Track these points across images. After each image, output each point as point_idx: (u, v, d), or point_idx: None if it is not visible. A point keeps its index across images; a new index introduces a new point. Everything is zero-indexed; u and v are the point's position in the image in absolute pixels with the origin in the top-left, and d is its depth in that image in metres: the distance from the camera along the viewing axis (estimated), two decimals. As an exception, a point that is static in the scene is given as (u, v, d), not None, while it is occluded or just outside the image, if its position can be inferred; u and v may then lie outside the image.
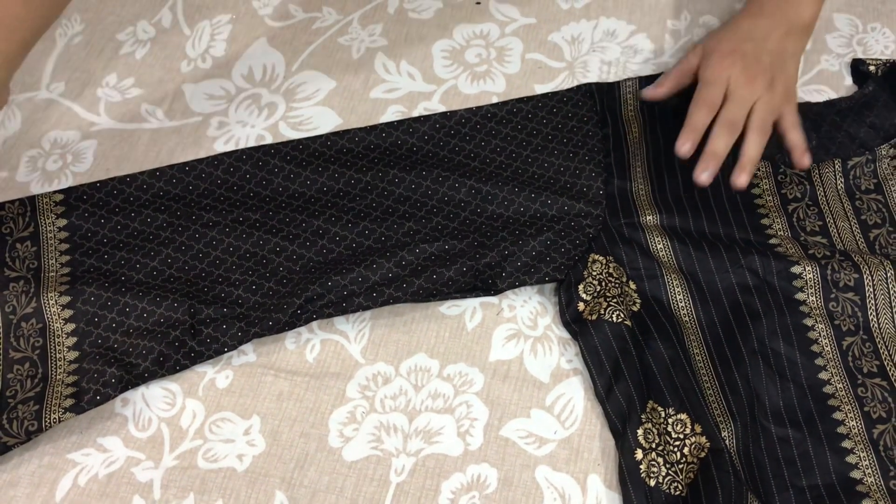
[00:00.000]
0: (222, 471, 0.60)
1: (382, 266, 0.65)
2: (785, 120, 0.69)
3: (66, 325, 0.63)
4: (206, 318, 0.63)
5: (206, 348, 0.63)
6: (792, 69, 0.71)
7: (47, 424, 0.59)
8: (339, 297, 0.64)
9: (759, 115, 0.67)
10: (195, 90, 0.78)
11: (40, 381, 0.61)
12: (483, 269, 0.65)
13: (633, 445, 0.59)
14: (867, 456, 0.59)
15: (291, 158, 0.71)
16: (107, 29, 0.83)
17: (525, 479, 0.59)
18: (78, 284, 0.64)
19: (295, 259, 0.66)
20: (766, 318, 0.64)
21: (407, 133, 0.73)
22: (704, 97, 0.68)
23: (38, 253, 0.66)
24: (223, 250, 0.67)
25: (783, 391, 0.61)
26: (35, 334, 0.63)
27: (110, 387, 0.60)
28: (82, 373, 0.61)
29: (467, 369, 0.64)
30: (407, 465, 0.60)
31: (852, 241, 0.68)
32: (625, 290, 0.65)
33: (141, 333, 0.63)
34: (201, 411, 0.62)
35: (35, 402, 0.60)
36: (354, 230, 0.67)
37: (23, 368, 0.62)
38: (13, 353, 0.62)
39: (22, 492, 0.59)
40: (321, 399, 0.63)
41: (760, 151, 0.67)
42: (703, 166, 0.66)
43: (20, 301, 0.64)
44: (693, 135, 0.66)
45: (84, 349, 0.62)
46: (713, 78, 0.69)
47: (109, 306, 0.64)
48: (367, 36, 0.82)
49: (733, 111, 0.67)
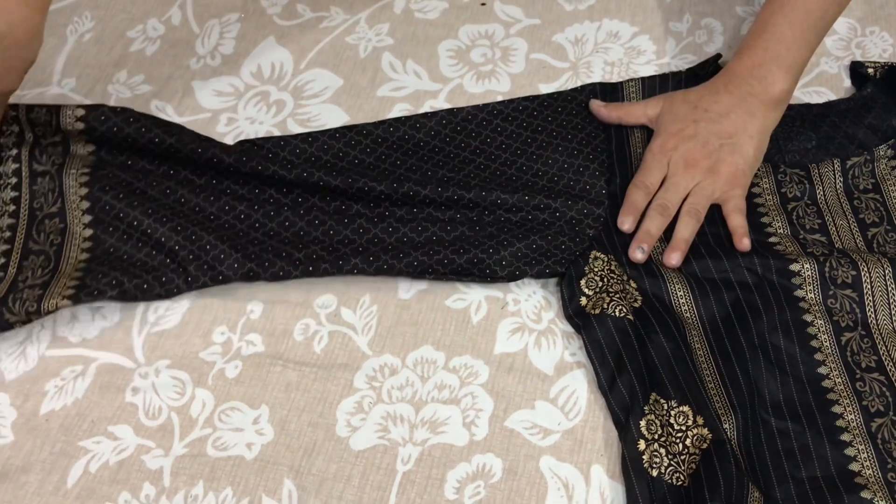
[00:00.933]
0: (231, 459, 0.61)
1: (384, 241, 0.67)
2: (727, 204, 0.68)
3: (84, 229, 0.67)
4: (207, 244, 0.66)
5: (202, 274, 0.66)
6: (749, 150, 0.69)
7: (45, 309, 0.63)
8: (335, 255, 0.67)
9: (692, 200, 0.68)
10: (204, 87, 0.79)
11: (50, 273, 0.65)
12: (482, 257, 0.66)
13: (636, 436, 0.60)
14: (865, 449, 0.60)
15: (301, 152, 0.72)
16: (117, 26, 0.84)
17: (529, 469, 0.60)
18: (96, 190, 0.68)
19: (299, 228, 0.69)
20: (766, 313, 0.65)
21: (414, 128, 0.74)
22: (642, 181, 0.69)
23: (64, 150, 0.70)
24: (236, 204, 0.70)
25: (783, 385, 0.62)
26: (56, 233, 0.67)
27: (109, 287, 0.64)
28: (88, 272, 0.65)
29: (473, 361, 0.65)
30: (413, 454, 0.61)
31: (851, 239, 0.69)
32: (626, 287, 0.66)
33: (147, 250, 0.67)
34: (210, 400, 0.63)
35: (40, 289, 0.64)
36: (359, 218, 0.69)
37: (38, 260, 0.66)
38: (32, 244, 0.67)
39: (34, 478, 0.60)
40: (329, 389, 0.63)
41: (691, 234, 0.67)
42: (637, 244, 0.67)
43: (48, 199, 0.68)
44: (633, 213, 0.68)
45: (96, 253, 0.67)
46: (652, 164, 0.70)
47: (122, 218, 0.68)
48: (374, 35, 0.83)
49: (666, 196, 0.68)
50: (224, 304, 0.67)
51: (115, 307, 0.67)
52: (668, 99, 0.73)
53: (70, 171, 0.69)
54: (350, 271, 0.66)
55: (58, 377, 0.64)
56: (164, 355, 0.65)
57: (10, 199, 0.69)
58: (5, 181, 0.69)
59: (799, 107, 0.77)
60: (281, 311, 0.67)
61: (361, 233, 0.68)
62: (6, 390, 0.64)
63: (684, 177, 0.68)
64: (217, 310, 0.67)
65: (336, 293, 0.68)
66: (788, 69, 0.70)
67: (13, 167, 0.70)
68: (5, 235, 0.67)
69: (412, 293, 0.68)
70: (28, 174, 0.70)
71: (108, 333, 0.66)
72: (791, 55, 0.70)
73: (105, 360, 0.65)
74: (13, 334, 0.66)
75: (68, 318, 0.67)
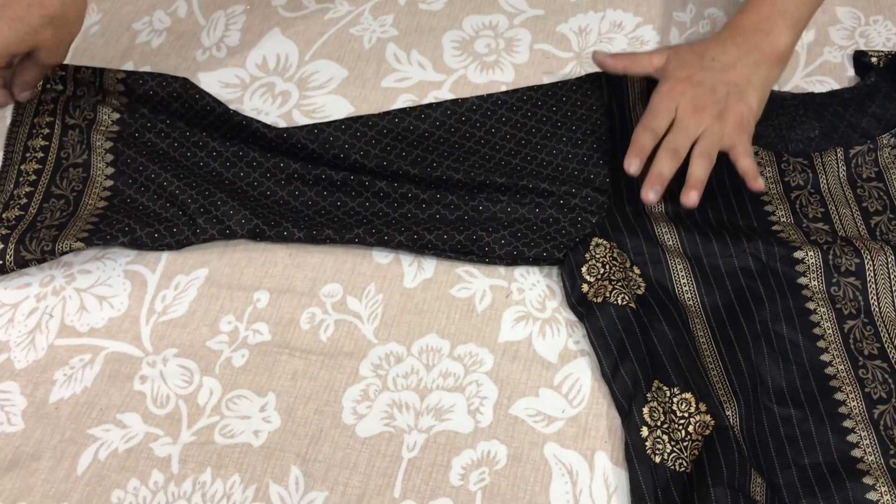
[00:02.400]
0: (239, 446, 0.61)
1: (388, 215, 0.69)
2: (735, 150, 0.69)
3: (106, 180, 0.72)
4: (218, 200, 0.70)
5: (210, 227, 0.69)
6: (753, 100, 0.70)
7: (59, 249, 0.67)
8: (339, 223, 0.69)
9: (703, 144, 0.68)
10: (211, 78, 0.80)
11: (67, 216, 0.69)
12: (481, 234, 0.68)
13: (639, 423, 0.60)
14: (868, 435, 0.60)
15: (303, 146, 0.72)
16: (123, 19, 0.84)
17: (534, 456, 0.61)
18: (121, 146, 0.74)
19: (308, 198, 0.72)
20: (769, 301, 0.65)
21: (419, 119, 0.74)
22: (648, 124, 0.69)
23: (95, 106, 0.76)
24: (250, 171, 0.73)
25: (786, 372, 0.62)
26: (78, 181, 0.72)
27: (122, 233, 0.68)
28: (103, 218, 0.69)
29: (477, 349, 0.65)
30: (419, 441, 0.61)
31: (854, 227, 0.69)
32: (629, 274, 0.66)
33: (162, 203, 0.70)
34: (218, 389, 0.64)
35: (56, 230, 0.68)
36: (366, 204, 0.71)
37: (57, 203, 0.71)
38: (54, 188, 0.71)
39: (45, 465, 0.61)
40: (335, 377, 0.64)
41: (705, 174, 0.68)
42: (649, 185, 0.67)
43: (75, 150, 0.73)
44: (639, 155, 0.68)
45: (113, 202, 0.71)
46: (660, 107, 0.70)
47: (141, 171, 0.72)
48: (379, 26, 0.84)
49: (676, 139, 0.68)
50: (231, 294, 0.68)
51: (124, 297, 0.68)
52: (675, 49, 0.74)
53: (99, 128, 0.74)
54: (352, 240, 0.68)
55: (67, 366, 0.65)
56: (171, 344, 0.66)
57: (39, 147, 0.73)
58: (38, 130, 0.74)
59: (802, 96, 0.77)
60: (287, 300, 0.68)
61: (367, 206, 0.70)
62: (16, 379, 0.64)
63: (693, 121, 0.69)
64: (224, 299, 0.68)
65: (342, 282, 0.68)
66: (793, 26, 0.71)
67: (48, 119, 0.75)
68: (30, 179, 0.72)
69: (417, 282, 0.68)
70: (60, 126, 0.74)
71: (115, 323, 0.67)
72: (798, 11, 0.72)
73: (113, 348, 0.66)
74: (21, 324, 0.67)
75: (77, 308, 0.67)
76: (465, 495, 0.59)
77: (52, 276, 0.69)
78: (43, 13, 0.67)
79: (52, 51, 0.70)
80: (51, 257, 0.67)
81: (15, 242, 0.67)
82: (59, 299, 0.68)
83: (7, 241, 0.67)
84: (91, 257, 0.70)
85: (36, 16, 0.67)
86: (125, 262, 0.70)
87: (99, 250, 0.70)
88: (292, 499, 0.59)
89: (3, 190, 0.71)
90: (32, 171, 0.72)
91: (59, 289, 0.68)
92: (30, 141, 0.74)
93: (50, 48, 0.69)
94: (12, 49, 0.68)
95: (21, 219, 0.69)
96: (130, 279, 0.69)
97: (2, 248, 0.67)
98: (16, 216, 0.69)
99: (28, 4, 0.67)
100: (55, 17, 0.68)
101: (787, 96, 0.77)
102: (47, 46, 0.69)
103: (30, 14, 0.67)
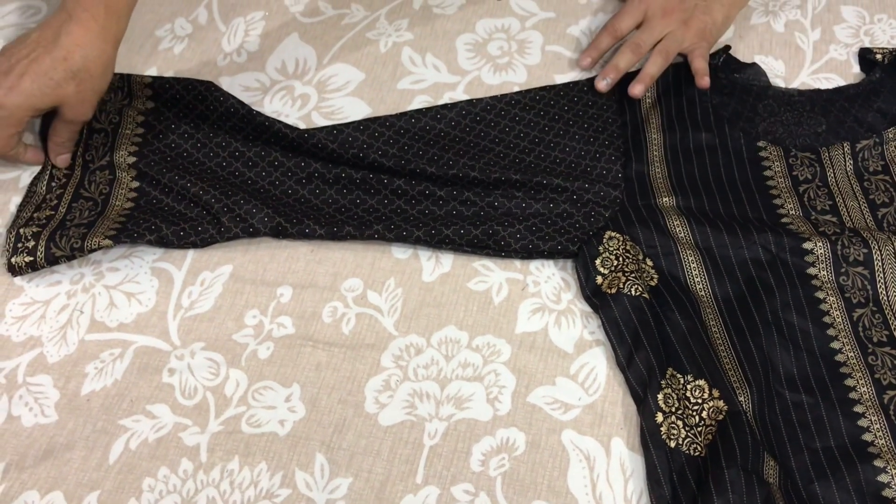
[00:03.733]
0: (265, 435, 0.63)
1: (406, 212, 0.72)
2: (694, 52, 0.78)
3: (132, 181, 0.74)
4: (241, 199, 0.72)
5: (234, 225, 0.71)
6: (718, 15, 0.79)
7: (88, 247, 0.69)
8: (359, 220, 0.71)
9: (665, 43, 0.78)
10: (232, 82, 0.82)
11: (96, 215, 0.72)
12: (497, 229, 0.69)
13: (654, 409, 0.62)
14: (878, 420, 0.61)
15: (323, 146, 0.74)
16: (146, 26, 0.87)
17: (552, 443, 0.62)
18: (146, 150, 0.76)
19: (328, 196, 0.74)
20: (780, 291, 0.67)
21: (435, 119, 0.76)
22: (613, 25, 0.80)
23: (120, 111, 0.77)
24: (272, 171, 0.75)
25: (797, 359, 0.64)
26: (105, 183, 0.74)
27: (148, 231, 0.70)
28: (130, 217, 0.71)
29: (495, 340, 0.67)
30: (440, 429, 0.63)
31: (861, 219, 0.71)
32: (642, 266, 0.68)
33: (186, 203, 0.72)
34: (244, 380, 0.66)
35: (85, 228, 0.70)
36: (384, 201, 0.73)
37: (86, 203, 0.73)
38: (82, 191, 0.74)
39: (78, 454, 0.62)
40: (357, 368, 0.66)
41: (658, 71, 0.77)
42: (603, 75, 0.77)
43: (99, 152, 0.76)
44: (594, 52, 0.80)
45: (139, 203, 0.73)
46: (629, 9, 0.79)
47: (165, 173, 0.74)
48: (394, 31, 0.86)
49: (641, 36, 0.78)
50: (255, 289, 0.70)
51: (151, 293, 0.70)
52: None
53: (124, 132, 0.77)
54: (371, 236, 0.70)
55: (97, 360, 0.67)
56: (198, 338, 0.68)
57: None
58: None
59: (809, 92, 0.79)
60: (309, 295, 0.70)
61: (386, 203, 0.72)
62: (49, 372, 0.66)
63: (660, 22, 0.78)
64: (248, 294, 0.70)
65: (362, 277, 0.70)
66: None
67: None
68: (61, 181, 0.74)
69: (435, 276, 0.70)
70: (87, 130, 0.76)
71: (144, 318, 0.69)
72: None
73: (142, 343, 0.68)
74: (53, 319, 0.69)
75: (106, 304, 0.69)
76: (486, 480, 0.61)
77: (82, 273, 0.71)
78: (66, 67, 0.67)
79: (76, 106, 0.70)
80: (80, 254, 0.69)
81: (46, 240, 0.69)
82: (89, 296, 0.70)
83: (38, 238, 0.69)
84: (119, 255, 0.72)
85: (60, 70, 0.67)
86: (152, 259, 0.72)
87: (126, 248, 0.72)
88: (318, 485, 0.61)
89: (36, 192, 0.73)
90: (62, 175, 0.74)
91: (89, 286, 0.70)
92: None
93: (73, 104, 0.69)
94: (36, 103, 0.68)
95: (52, 218, 0.71)
96: (157, 276, 0.71)
97: (33, 245, 0.69)
98: (46, 215, 0.71)
99: (53, 59, 0.67)
100: (78, 72, 0.67)
101: (794, 93, 0.79)
102: (70, 102, 0.69)
103: (54, 69, 0.67)
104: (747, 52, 0.83)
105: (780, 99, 0.78)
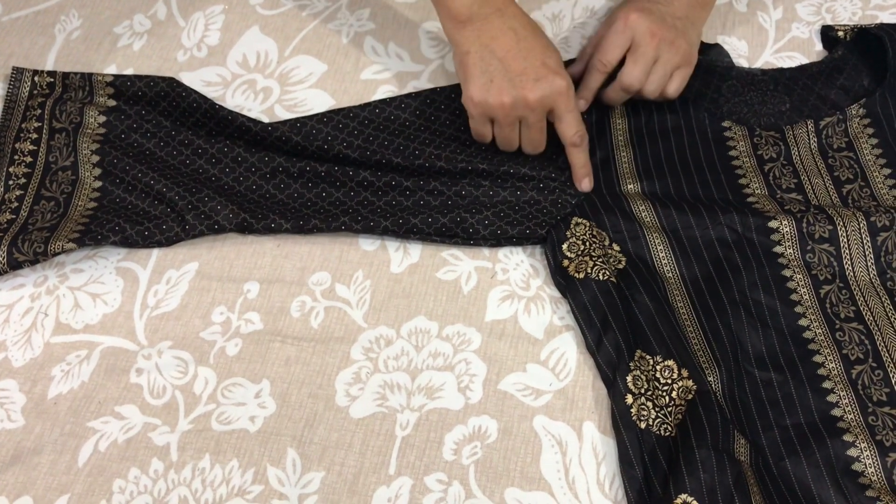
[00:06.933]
0: (236, 432, 0.63)
1: (373, 203, 0.71)
2: (675, 76, 0.73)
3: (94, 181, 0.73)
4: (205, 196, 0.71)
5: (199, 223, 0.70)
6: (693, 36, 0.74)
7: (51, 251, 0.68)
8: (325, 213, 0.70)
9: (658, 73, 0.72)
10: (193, 78, 0.81)
11: (58, 217, 0.71)
12: (465, 216, 0.69)
13: (624, 391, 0.62)
14: (847, 395, 0.62)
15: (287, 140, 0.74)
16: (104, 23, 0.86)
17: (524, 429, 0.62)
18: (108, 147, 0.75)
19: (293, 190, 0.73)
20: (746, 270, 0.67)
21: (399, 108, 0.76)
22: (601, 58, 0.72)
23: (81, 110, 0.77)
24: (235, 167, 0.74)
25: (765, 338, 0.64)
26: (67, 183, 0.73)
27: (112, 233, 0.69)
28: (94, 218, 0.70)
29: (465, 329, 0.67)
30: (411, 419, 0.63)
31: (826, 196, 0.71)
32: (608, 251, 0.68)
33: (150, 201, 0.72)
34: (213, 378, 0.65)
35: (47, 231, 0.69)
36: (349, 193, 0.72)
37: (48, 205, 0.72)
38: (44, 191, 0.73)
39: (46, 459, 0.62)
40: (327, 362, 0.66)
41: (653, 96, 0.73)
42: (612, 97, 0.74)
43: (62, 153, 0.75)
44: (587, 94, 0.74)
45: (103, 203, 0.72)
46: (614, 40, 0.72)
47: (128, 170, 0.73)
48: (356, 21, 0.85)
49: (632, 73, 0.72)
50: (222, 286, 0.69)
51: (117, 293, 0.69)
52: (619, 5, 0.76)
53: (86, 131, 0.76)
54: (338, 228, 0.69)
55: (63, 362, 0.66)
56: (165, 337, 0.67)
57: (28, 151, 0.75)
58: (26, 135, 0.76)
59: (772, 71, 0.79)
60: (277, 290, 0.69)
61: (352, 195, 0.72)
62: (14, 377, 0.66)
63: (650, 47, 0.71)
64: (215, 291, 0.69)
65: (330, 270, 0.70)
66: None
67: (35, 125, 0.76)
68: (20, 182, 0.73)
69: (403, 267, 0.70)
70: (48, 130, 0.76)
71: (109, 318, 0.68)
72: None
73: (109, 343, 0.67)
74: (17, 323, 0.68)
75: (71, 306, 0.69)
76: (459, 469, 0.61)
77: (46, 276, 0.70)
78: None
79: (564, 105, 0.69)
80: (43, 258, 0.68)
81: (7, 245, 0.68)
82: (53, 298, 0.69)
83: (0, 244, 0.68)
84: (83, 256, 0.71)
85: None
86: (117, 259, 0.71)
87: (90, 249, 0.71)
88: (290, 480, 0.61)
89: None
90: (22, 175, 0.73)
91: (53, 288, 0.70)
92: (17, 144, 0.75)
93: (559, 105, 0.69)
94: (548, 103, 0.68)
95: (12, 222, 0.70)
96: (122, 276, 0.70)
97: None
98: (7, 219, 0.70)
99: None
100: None
101: (757, 72, 0.79)
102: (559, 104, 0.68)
103: None
104: (710, 32, 0.83)
105: (744, 79, 0.78)
